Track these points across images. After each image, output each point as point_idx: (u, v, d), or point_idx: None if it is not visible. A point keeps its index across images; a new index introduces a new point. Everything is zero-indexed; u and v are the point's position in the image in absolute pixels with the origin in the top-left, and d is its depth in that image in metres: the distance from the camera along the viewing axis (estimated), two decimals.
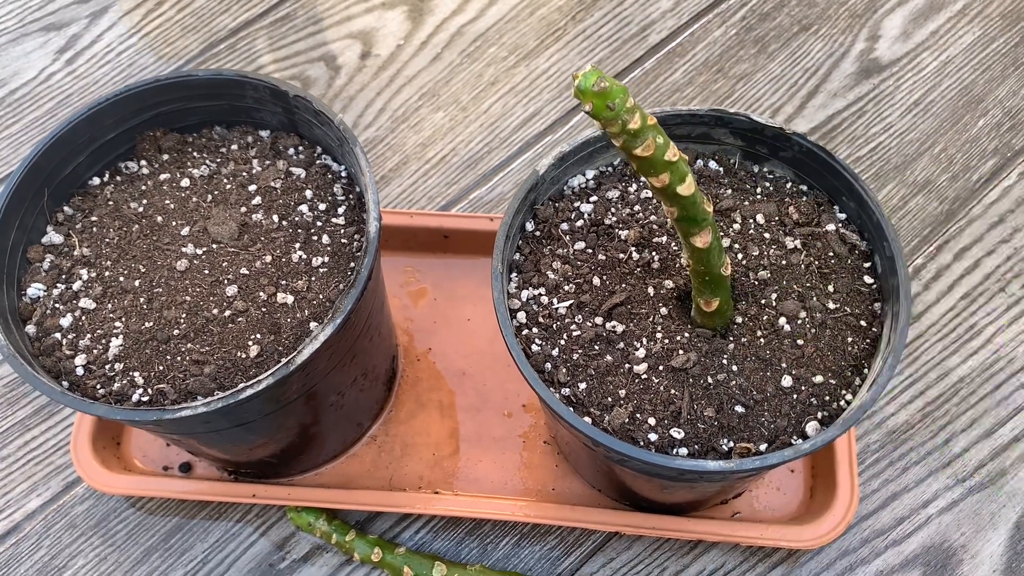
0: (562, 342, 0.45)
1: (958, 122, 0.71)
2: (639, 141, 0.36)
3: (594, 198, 0.49)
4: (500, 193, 0.70)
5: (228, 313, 0.46)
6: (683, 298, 0.46)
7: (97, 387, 0.45)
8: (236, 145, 0.52)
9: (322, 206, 0.50)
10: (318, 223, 0.49)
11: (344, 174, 0.51)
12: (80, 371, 0.45)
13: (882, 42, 0.75)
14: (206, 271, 0.47)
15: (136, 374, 0.45)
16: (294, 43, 0.77)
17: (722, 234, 0.47)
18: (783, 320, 0.45)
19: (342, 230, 0.49)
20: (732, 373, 0.44)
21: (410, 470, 0.58)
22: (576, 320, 0.46)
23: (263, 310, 0.46)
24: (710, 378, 0.44)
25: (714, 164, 0.50)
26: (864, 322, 0.46)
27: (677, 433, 0.43)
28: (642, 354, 0.44)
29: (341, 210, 0.50)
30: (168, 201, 0.50)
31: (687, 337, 0.45)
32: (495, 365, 0.61)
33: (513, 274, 0.48)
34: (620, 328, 0.45)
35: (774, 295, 0.46)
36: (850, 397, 0.44)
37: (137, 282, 0.47)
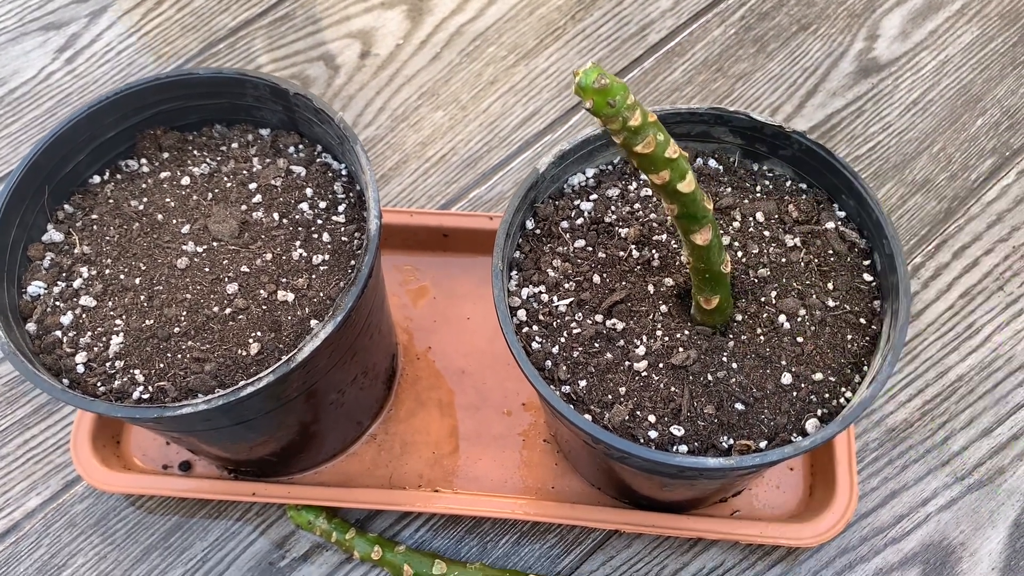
0: (562, 340, 0.45)
1: (956, 121, 0.72)
2: (640, 138, 0.36)
3: (594, 196, 0.50)
4: (499, 192, 0.70)
5: (229, 311, 0.46)
6: (683, 296, 0.47)
7: (98, 385, 0.45)
8: (236, 143, 0.52)
9: (322, 204, 0.50)
10: (318, 221, 0.49)
11: (344, 172, 0.51)
12: (81, 369, 0.45)
13: (881, 42, 0.75)
14: (207, 269, 0.47)
15: (137, 372, 0.45)
16: (293, 42, 0.77)
17: (722, 232, 0.47)
18: (783, 318, 0.45)
19: (342, 228, 0.49)
20: (732, 370, 0.44)
21: (410, 468, 0.58)
22: (576, 318, 0.46)
23: (264, 308, 0.46)
24: (710, 375, 0.44)
25: (714, 162, 0.50)
26: (863, 320, 0.46)
27: (677, 430, 0.43)
28: (642, 351, 0.44)
29: (341, 208, 0.50)
30: (168, 199, 0.50)
31: (687, 335, 0.45)
32: (495, 364, 0.61)
33: (513, 272, 0.48)
34: (620, 326, 0.45)
35: (774, 293, 0.46)
36: (850, 394, 0.44)
37: (138, 280, 0.47)
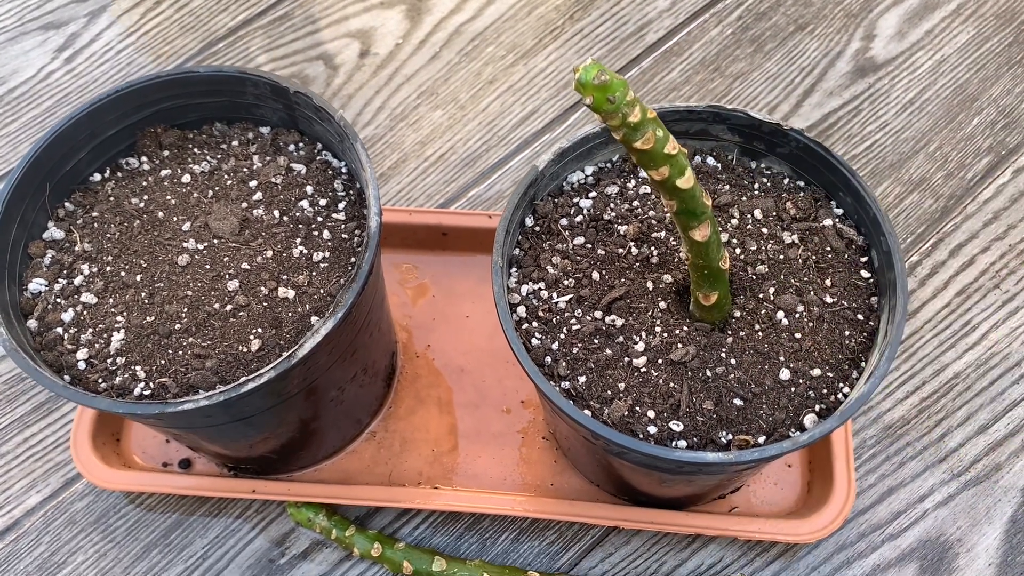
0: (562, 336, 0.45)
1: (953, 120, 0.72)
2: (639, 134, 0.36)
3: (593, 194, 0.50)
4: (498, 191, 0.70)
5: (229, 307, 0.46)
6: (682, 292, 0.47)
7: (99, 381, 0.45)
8: (237, 141, 0.52)
9: (323, 201, 0.50)
10: (319, 218, 0.49)
11: (344, 170, 0.52)
12: (82, 365, 0.45)
13: (877, 41, 0.76)
14: (207, 266, 0.47)
15: (138, 368, 0.45)
16: (292, 42, 0.77)
17: (720, 229, 0.48)
18: (781, 314, 0.45)
19: (343, 225, 0.49)
20: (730, 366, 0.44)
21: (409, 466, 0.59)
22: (576, 314, 0.46)
23: (264, 304, 0.46)
24: (709, 371, 0.44)
25: (712, 160, 0.51)
26: (861, 316, 0.46)
27: (676, 426, 0.43)
28: (641, 348, 0.45)
29: (341, 205, 0.50)
30: (169, 197, 0.50)
31: (686, 331, 0.45)
32: (494, 362, 0.62)
33: (513, 269, 0.48)
34: (619, 322, 0.45)
35: (772, 289, 0.46)
36: (847, 390, 0.44)
37: (138, 277, 0.47)
